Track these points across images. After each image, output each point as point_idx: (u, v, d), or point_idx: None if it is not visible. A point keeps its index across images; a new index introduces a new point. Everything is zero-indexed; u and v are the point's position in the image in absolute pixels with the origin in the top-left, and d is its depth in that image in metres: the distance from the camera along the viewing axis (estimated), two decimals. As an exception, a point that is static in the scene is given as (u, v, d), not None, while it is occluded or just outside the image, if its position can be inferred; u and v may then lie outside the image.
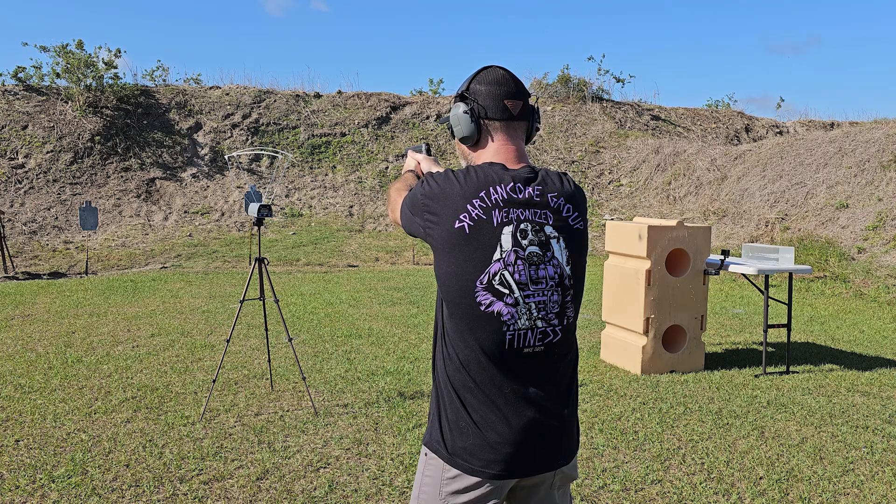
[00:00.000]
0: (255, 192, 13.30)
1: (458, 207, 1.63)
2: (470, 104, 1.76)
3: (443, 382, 1.69)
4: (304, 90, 20.38)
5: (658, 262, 5.86)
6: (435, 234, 1.66)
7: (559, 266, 1.69)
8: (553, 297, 1.68)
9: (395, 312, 8.58)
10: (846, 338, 7.55)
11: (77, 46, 17.82)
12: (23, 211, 14.49)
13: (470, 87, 1.78)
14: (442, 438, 1.68)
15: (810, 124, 22.83)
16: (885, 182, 12.35)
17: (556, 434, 1.70)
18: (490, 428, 1.63)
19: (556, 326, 1.68)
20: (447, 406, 1.68)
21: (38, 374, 5.57)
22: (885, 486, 3.68)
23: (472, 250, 1.62)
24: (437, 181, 1.68)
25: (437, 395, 1.72)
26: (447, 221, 1.64)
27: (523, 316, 1.64)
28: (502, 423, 1.64)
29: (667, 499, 3.49)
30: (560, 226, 1.70)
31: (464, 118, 1.76)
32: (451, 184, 1.66)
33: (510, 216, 1.65)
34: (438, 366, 1.72)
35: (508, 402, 1.64)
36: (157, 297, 9.55)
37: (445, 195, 1.65)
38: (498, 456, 1.63)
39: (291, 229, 15.57)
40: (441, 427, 1.69)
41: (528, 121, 1.80)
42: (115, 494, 3.44)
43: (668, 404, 5.00)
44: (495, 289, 1.62)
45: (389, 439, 4.21)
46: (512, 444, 1.64)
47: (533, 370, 1.66)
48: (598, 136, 20.11)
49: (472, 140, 1.78)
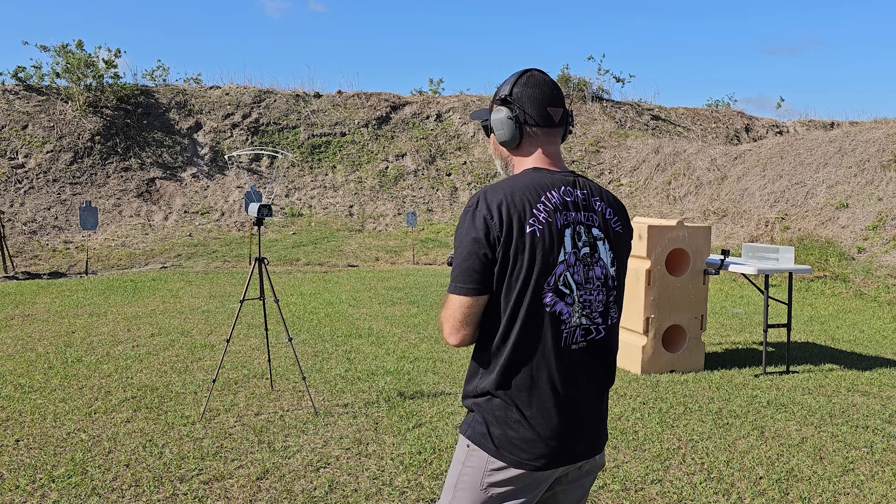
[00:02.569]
0: (255, 192, 13.30)
1: (526, 213, 1.68)
2: (515, 110, 1.79)
3: (492, 380, 1.73)
4: (304, 90, 20.39)
5: (658, 261, 5.86)
6: (504, 248, 1.67)
7: (605, 267, 1.78)
8: (598, 297, 1.76)
9: (395, 312, 8.58)
10: (846, 338, 7.55)
11: (77, 46, 17.83)
12: (23, 211, 14.49)
13: (513, 92, 1.80)
14: (487, 432, 1.72)
15: (810, 124, 22.83)
16: (885, 182, 12.35)
17: (593, 426, 1.79)
18: (541, 423, 1.71)
19: (600, 325, 1.77)
20: (495, 402, 1.73)
21: (38, 374, 5.57)
22: (885, 486, 3.68)
23: (542, 253, 1.68)
24: (484, 220, 1.66)
25: (481, 391, 1.75)
26: (516, 228, 1.67)
27: (576, 314, 1.73)
28: (552, 417, 1.71)
29: (667, 499, 3.49)
30: (605, 228, 1.79)
31: (508, 123, 1.79)
32: (504, 205, 1.67)
33: (568, 219, 1.73)
34: (487, 364, 1.74)
35: (558, 398, 1.72)
36: (157, 296, 9.55)
37: (499, 215, 1.67)
38: (546, 450, 1.71)
39: (291, 229, 15.57)
40: (486, 421, 1.73)
41: (565, 126, 1.87)
42: (115, 494, 3.44)
43: (668, 404, 5.00)
44: (559, 290, 1.70)
45: (389, 439, 4.21)
46: (558, 438, 1.72)
47: (578, 366, 1.74)
48: (598, 136, 20.11)
49: (514, 144, 1.82)
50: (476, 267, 1.67)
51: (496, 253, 1.66)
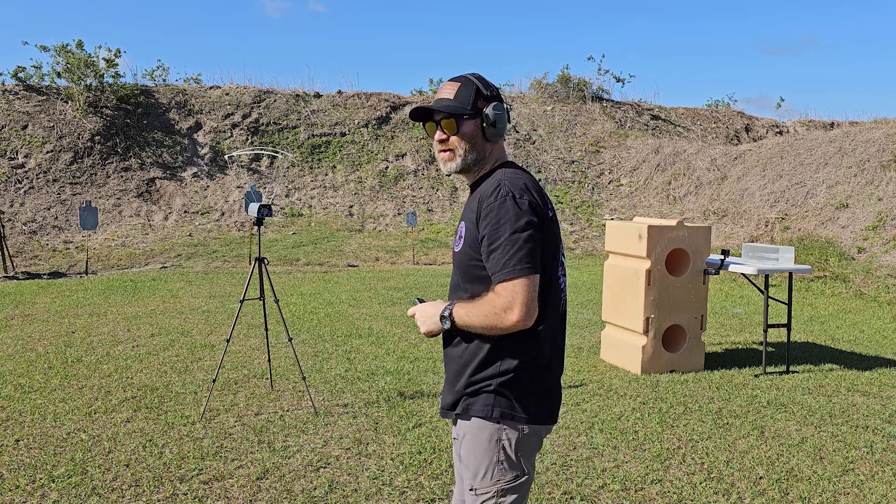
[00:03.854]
0: (255, 192, 13.30)
1: (546, 199, 1.94)
2: (505, 104, 2.02)
3: (524, 352, 1.89)
4: (304, 90, 20.38)
5: (658, 261, 5.86)
6: (544, 231, 1.89)
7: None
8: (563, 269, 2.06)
9: (395, 312, 8.58)
10: (846, 337, 7.55)
11: (77, 46, 17.82)
12: (23, 211, 14.49)
13: (495, 89, 2.02)
14: (517, 402, 1.89)
15: (810, 124, 22.83)
16: (885, 182, 12.35)
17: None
18: (555, 386, 1.98)
19: (564, 291, 2.05)
20: (524, 375, 1.89)
21: (38, 374, 5.57)
22: (885, 486, 3.68)
23: (557, 235, 1.97)
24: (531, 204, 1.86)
25: (506, 369, 1.89)
26: (549, 213, 1.93)
27: (563, 285, 2.03)
28: (558, 377, 2.00)
29: (667, 499, 3.49)
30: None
31: (504, 118, 1.99)
32: (533, 191, 1.89)
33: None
34: (516, 341, 1.88)
35: (559, 362, 2.01)
36: (157, 296, 9.55)
37: (538, 200, 1.89)
38: (556, 404, 1.99)
39: (291, 229, 15.57)
40: (513, 394, 1.89)
41: None
42: (115, 494, 3.44)
43: (668, 404, 5.00)
44: (562, 265, 2.02)
45: (389, 439, 4.21)
46: (559, 398, 2.02)
47: (563, 328, 2.04)
48: (598, 136, 20.11)
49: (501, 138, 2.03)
50: (535, 247, 1.82)
51: (543, 234, 1.86)
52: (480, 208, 1.88)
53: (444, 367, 2.05)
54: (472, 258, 1.90)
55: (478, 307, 1.84)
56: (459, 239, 1.97)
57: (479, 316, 1.83)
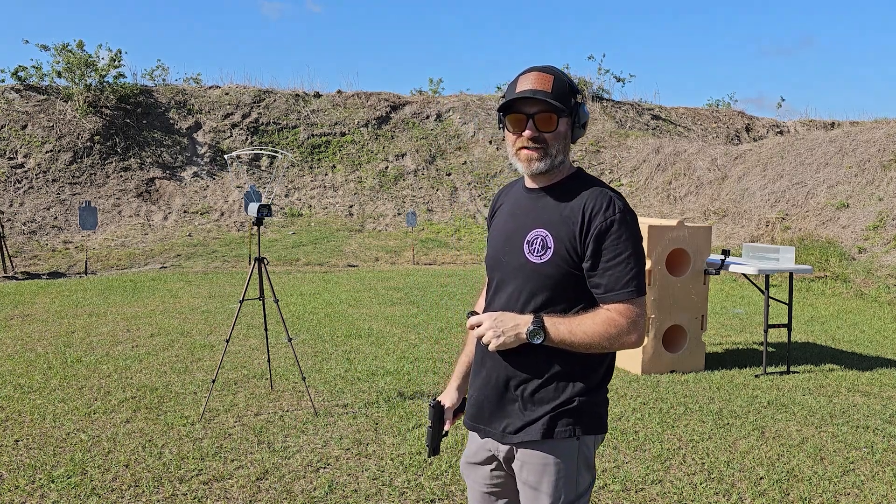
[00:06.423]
0: (255, 192, 13.28)
1: None
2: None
3: (605, 366, 1.86)
4: (304, 90, 20.38)
5: (658, 261, 5.85)
6: None
7: None
8: None
9: (395, 312, 8.58)
10: (846, 338, 7.55)
11: (77, 46, 17.81)
12: (22, 211, 14.48)
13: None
14: (599, 414, 1.85)
15: (811, 124, 22.83)
16: (885, 182, 12.34)
17: None
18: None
19: None
20: (603, 389, 1.86)
21: (38, 374, 5.57)
22: (886, 487, 3.67)
23: None
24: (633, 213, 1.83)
25: (595, 384, 1.84)
26: None
27: None
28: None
29: (667, 499, 3.49)
30: None
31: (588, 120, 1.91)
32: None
33: None
34: (602, 356, 1.85)
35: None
36: (156, 297, 9.55)
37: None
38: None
39: (291, 229, 15.56)
40: (595, 410, 1.83)
41: None
42: (115, 494, 3.44)
43: (668, 404, 4.99)
44: None
45: (389, 439, 4.20)
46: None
47: None
48: (599, 136, 20.10)
49: None
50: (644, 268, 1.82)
51: None
52: (589, 219, 1.75)
53: (490, 385, 1.88)
54: (565, 271, 1.77)
55: (590, 325, 1.72)
56: (543, 248, 1.79)
57: (592, 335, 1.72)
